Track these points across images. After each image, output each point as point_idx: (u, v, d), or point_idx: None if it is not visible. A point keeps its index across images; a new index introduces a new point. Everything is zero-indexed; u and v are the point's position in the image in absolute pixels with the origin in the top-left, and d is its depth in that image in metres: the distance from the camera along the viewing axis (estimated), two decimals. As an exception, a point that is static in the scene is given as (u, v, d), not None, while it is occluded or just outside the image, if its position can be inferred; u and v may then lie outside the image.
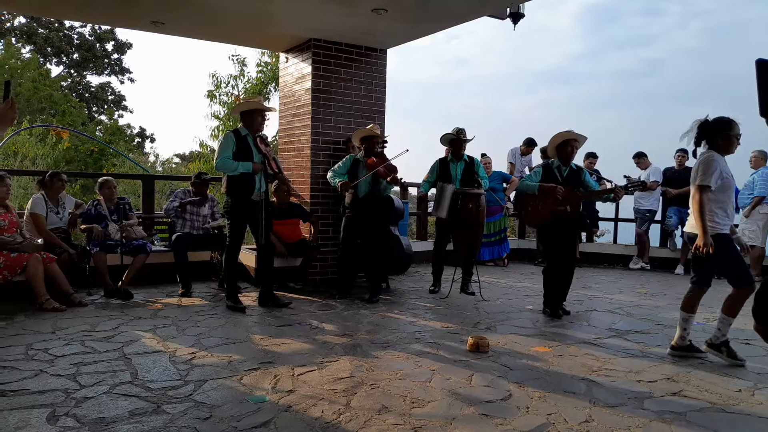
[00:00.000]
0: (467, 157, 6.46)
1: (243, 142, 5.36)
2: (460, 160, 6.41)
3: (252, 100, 5.56)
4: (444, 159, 6.53)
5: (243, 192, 5.33)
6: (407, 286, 6.97)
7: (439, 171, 6.47)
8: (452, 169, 6.39)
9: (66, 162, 16.88)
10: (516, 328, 5.00)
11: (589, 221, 8.65)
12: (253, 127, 5.41)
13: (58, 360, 3.75)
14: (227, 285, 5.57)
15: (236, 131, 5.44)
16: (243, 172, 5.27)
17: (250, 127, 5.40)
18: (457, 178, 6.34)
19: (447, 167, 6.43)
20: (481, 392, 3.38)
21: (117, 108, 28.91)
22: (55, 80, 24.25)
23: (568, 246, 5.43)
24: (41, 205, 5.70)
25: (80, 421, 2.81)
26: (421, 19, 6.13)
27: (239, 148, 5.31)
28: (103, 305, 5.46)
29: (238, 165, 5.25)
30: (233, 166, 5.24)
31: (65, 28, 26.35)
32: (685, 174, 8.73)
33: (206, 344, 4.21)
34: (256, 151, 5.37)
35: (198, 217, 6.35)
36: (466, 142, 6.39)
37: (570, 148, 5.31)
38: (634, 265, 9.16)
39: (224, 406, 3.04)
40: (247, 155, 5.32)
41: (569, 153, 5.32)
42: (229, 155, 5.25)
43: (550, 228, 5.39)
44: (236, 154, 5.28)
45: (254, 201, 5.38)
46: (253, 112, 5.40)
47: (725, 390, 3.52)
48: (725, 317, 4.11)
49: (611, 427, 2.92)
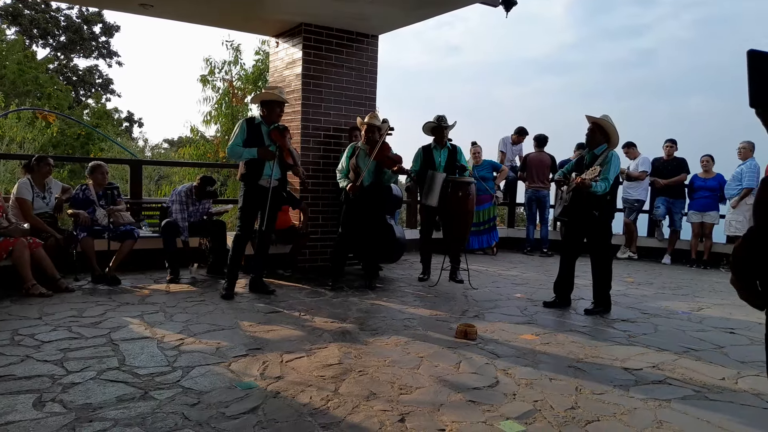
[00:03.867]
0: (450, 144, 6.47)
1: (255, 130, 5.37)
2: (444, 148, 6.41)
3: (272, 91, 5.49)
4: (427, 147, 6.53)
5: (251, 178, 5.35)
6: (397, 274, 6.99)
7: (423, 159, 6.47)
8: (436, 157, 6.40)
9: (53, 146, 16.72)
10: (504, 315, 5.03)
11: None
12: (271, 118, 5.41)
13: (45, 345, 3.72)
14: (229, 271, 5.45)
15: (250, 119, 5.47)
16: (248, 158, 5.30)
17: (268, 117, 5.40)
18: (441, 165, 6.34)
19: (431, 155, 6.43)
20: (468, 379, 3.40)
21: (105, 92, 28.63)
22: (42, 63, 23.92)
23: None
24: (27, 190, 5.63)
25: (67, 406, 2.80)
26: (413, 5, 6.10)
27: (250, 136, 5.34)
28: (91, 291, 5.43)
29: (243, 151, 5.29)
30: (239, 152, 5.30)
31: (52, 9, 25.98)
32: (674, 164, 8.81)
33: (194, 330, 4.20)
34: (268, 141, 5.36)
35: (196, 215, 6.27)
36: (447, 128, 6.39)
37: (589, 132, 5.27)
38: (621, 255, 9.23)
39: (212, 392, 3.04)
40: (258, 143, 5.33)
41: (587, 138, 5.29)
42: (239, 142, 5.32)
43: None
44: (247, 142, 5.31)
45: (263, 187, 5.37)
46: (272, 103, 5.39)
47: (709, 378, 3.57)
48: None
49: (597, 413, 2.95)
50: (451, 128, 6.43)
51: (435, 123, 6.36)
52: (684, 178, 8.74)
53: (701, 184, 8.50)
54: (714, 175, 8.47)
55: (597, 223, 5.18)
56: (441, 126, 6.35)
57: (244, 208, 5.45)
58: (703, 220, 8.44)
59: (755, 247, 1.49)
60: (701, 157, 8.62)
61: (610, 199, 5.19)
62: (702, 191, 8.46)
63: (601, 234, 5.25)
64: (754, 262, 1.50)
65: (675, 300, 6.01)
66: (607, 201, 5.17)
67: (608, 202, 5.19)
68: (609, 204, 5.22)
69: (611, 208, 5.33)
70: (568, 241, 5.46)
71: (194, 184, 6.23)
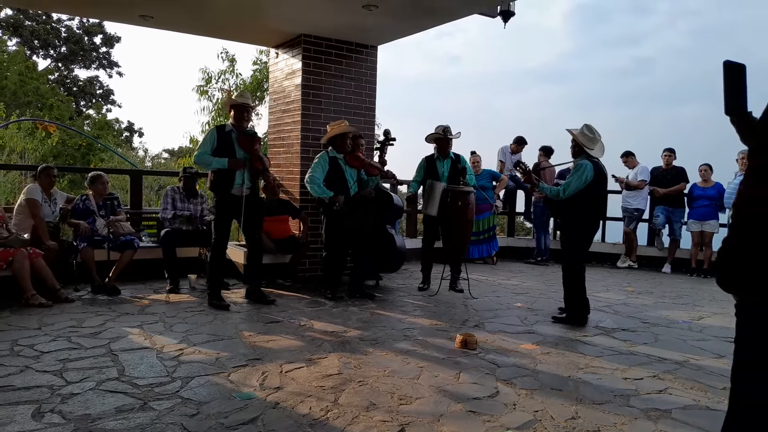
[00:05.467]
0: (453, 154, 6.49)
1: (225, 138, 5.36)
2: (447, 158, 6.43)
3: (240, 94, 5.54)
4: (431, 157, 6.55)
5: (223, 187, 5.34)
6: (396, 284, 6.98)
7: (426, 169, 6.49)
8: (439, 167, 6.41)
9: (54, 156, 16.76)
10: (504, 325, 5.02)
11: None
12: (240, 123, 5.40)
13: (44, 356, 3.72)
14: (210, 283, 5.50)
15: (220, 127, 5.46)
16: (218, 167, 5.28)
17: (238, 123, 5.39)
18: (444, 175, 6.35)
19: (434, 165, 6.45)
20: (468, 389, 3.39)
21: (105, 102, 28.71)
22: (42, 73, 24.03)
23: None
24: (38, 193, 5.66)
25: (66, 417, 2.79)
26: (412, 16, 6.13)
27: (220, 144, 5.32)
28: (90, 301, 5.42)
29: (212, 160, 5.26)
30: (208, 161, 5.27)
31: (52, 20, 26.10)
32: (672, 173, 8.82)
33: (194, 341, 4.20)
34: (238, 148, 5.36)
35: (191, 212, 6.31)
36: (452, 139, 6.41)
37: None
38: (621, 264, 9.22)
39: (211, 403, 3.04)
40: (227, 151, 5.31)
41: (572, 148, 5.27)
42: (207, 151, 5.28)
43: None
44: (216, 150, 5.30)
45: (236, 196, 5.37)
46: (239, 108, 5.39)
47: (710, 388, 3.56)
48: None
49: (597, 424, 2.94)
50: (455, 139, 6.45)
51: (440, 134, 6.37)
52: (683, 187, 8.74)
53: (700, 193, 8.51)
54: (713, 184, 8.48)
55: (563, 230, 5.22)
56: (446, 137, 6.36)
57: (218, 218, 5.44)
58: (702, 229, 8.44)
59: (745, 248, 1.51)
60: (700, 166, 8.63)
61: (576, 208, 5.06)
62: (701, 200, 8.47)
63: (565, 241, 5.27)
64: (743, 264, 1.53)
65: (675, 309, 6.00)
66: (572, 208, 5.08)
67: (574, 210, 5.08)
68: (574, 212, 5.09)
69: (579, 217, 5.13)
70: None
71: (179, 185, 6.38)
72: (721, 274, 1.63)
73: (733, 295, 1.66)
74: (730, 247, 1.59)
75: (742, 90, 1.71)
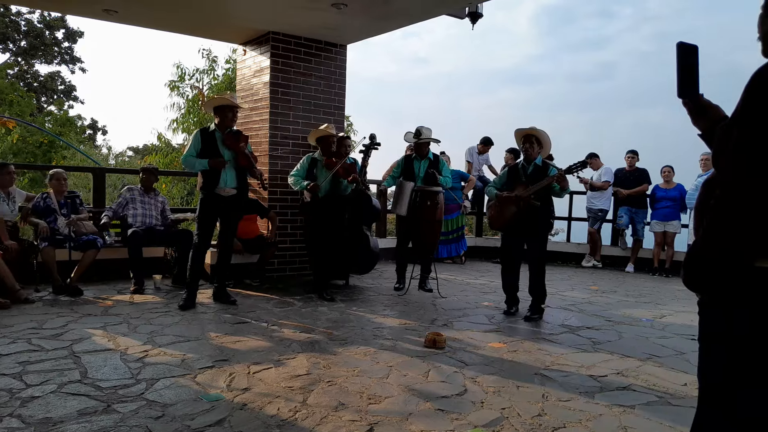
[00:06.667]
0: (432, 155, 6.51)
1: (209, 139, 5.34)
2: (424, 159, 6.45)
3: (222, 96, 5.50)
4: (409, 156, 6.58)
5: (207, 187, 5.32)
6: (366, 283, 6.98)
7: (404, 167, 6.51)
8: (416, 167, 6.44)
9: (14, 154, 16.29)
10: (472, 324, 5.06)
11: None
12: (224, 123, 5.35)
13: (3, 359, 3.61)
14: (189, 282, 5.39)
15: (203, 129, 5.45)
16: (201, 168, 5.30)
17: (221, 123, 5.35)
18: (420, 176, 6.38)
19: (411, 164, 6.47)
20: (437, 387, 3.41)
21: (67, 98, 28.01)
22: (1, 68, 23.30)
23: (531, 246, 5.41)
24: None
25: (25, 421, 2.71)
26: (381, 16, 6.14)
27: (205, 146, 5.32)
28: (51, 302, 5.28)
29: (196, 162, 5.28)
30: (192, 162, 5.30)
31: (11, 13, 25.32)
32: (635, 175, 9.01)
33: (159, 342, 4.12)
34: (223, 148, 5.31)
35: (150, 208, 6.24)
36: (428, 143, 6.42)
37: (528, 144, 5.33)
38: (586, 263, 9.39)
39: (177, 405, 2.99)
40: (212, 152, 5.29)
41: (527, 149, 5.35)
42: (192, 153, 5.31)
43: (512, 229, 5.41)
44: (202, 152, 5.30)
45: (221, 196, 5.33)
46: (224, 108, 5.34)
47: (672, 384, 3.65)
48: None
49: (563, 420, 2.99)
50: (432, 142, 6.44)
51: (415, 139, 6.38)
52: (646, 188, 8.94)
53: (663, 194, 8.71)
54: (675, 186, 8.68)
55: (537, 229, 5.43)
56: (420, 142, 6.38)
57: (201, 217, 5.40)
58: (665, 229, 8.64)
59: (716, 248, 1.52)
60: (662, 167, 8.83)
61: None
62: (664, 201, 8.67)
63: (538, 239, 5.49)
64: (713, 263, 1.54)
65: (638, 307, 6.13)
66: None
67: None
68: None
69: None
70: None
71: (139, 186, 6.38)
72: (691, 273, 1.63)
73: (697, 294, 1.69)
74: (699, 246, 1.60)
75: (694, 72, 1.72)
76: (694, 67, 1.72)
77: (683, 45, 1.72)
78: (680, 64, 1.72)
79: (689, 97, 1.75)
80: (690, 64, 1.72)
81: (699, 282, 1.60)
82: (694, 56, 1.72)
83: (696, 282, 1.61)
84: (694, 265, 1.58)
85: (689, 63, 1.72)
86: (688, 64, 1.72)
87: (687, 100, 1.76)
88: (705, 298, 1.64)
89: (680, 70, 1.72)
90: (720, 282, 1.52)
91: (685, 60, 1.72)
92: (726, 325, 1.55)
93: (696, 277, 1.59)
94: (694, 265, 1.58)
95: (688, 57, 1.72)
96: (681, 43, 1.72)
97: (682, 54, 1.72)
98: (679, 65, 1.72)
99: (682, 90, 1.73)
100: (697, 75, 1.72)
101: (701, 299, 1.67)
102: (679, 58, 1.72)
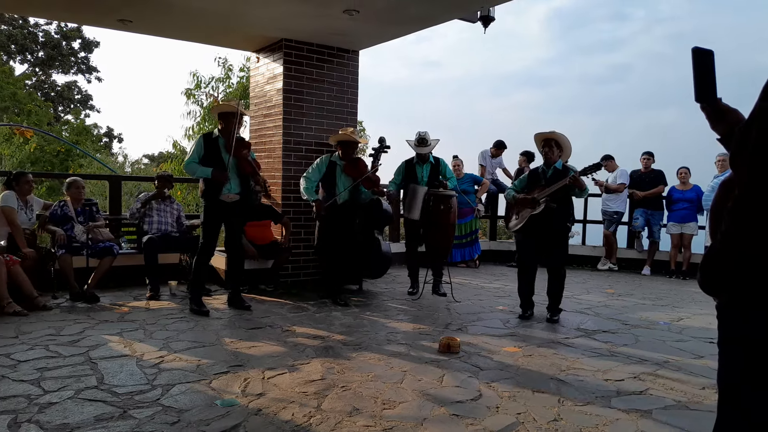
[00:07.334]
0: (433, 158, 6.51)
1: (212, 145, 5.35)
2: (426, 162, 6.45)
3: (228, 102, 5.54)
4: (410, 161, 6.57)
5: (211, 194, 5.32)
6: (380, 288, 6.97)
7: (405, 173, 6.51)
8: (418, 171, 6.44)
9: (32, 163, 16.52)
10: (487, 328, 5.04)
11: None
12: (227, 129, 5.37)
13: (21, 365, 3.65)
14: (192, 288, 5.47)
15: (207, 135, 5.46)
16: (202, 176, 5.30)
17: (225, 129, 5.37)
18: (424, 180, 6.38)
19: (413, 169, 6.47)
20: (451, 392, 3.39)
21: (84, 108, 28.36)
22: (19, 78, 23.68)
23: (549, 248, 5.37)
24: (13, 200, 5.56)
25: (43, 427, 2.74)
26: (393, 21, 6.15)
27: (207, 152, 5.33)
28: (69, 309, 5.34)
29: (198, 169, 5.27)
30: (194, 169, 5.29)
31: (29, 25, 25.73)
32: (651, 176, 8.93)
33: (175, 348, 4.15)
34: (225, 154, 5.33)
35: (165, 215, 6.30)
36: (429, 147, 6.42)
37: (548, 148, 5.31)
38: (602, 266, 9.31)
39: (193, 410, 3.00)
40: (215, 158, 5.31)
41: (546, 153, 5.34)
42: (195, 159, 5.30)
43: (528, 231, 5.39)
44: (204, 158, 5.30)
45: (225, 202, 5.35)
46: (228, 115, 5.37)
47: (690, 388, 3.60)
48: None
49: (579, 425, 2.96)
50: (433, 146, 6.45)
51: (415, 144, 6.39)
52: (662, 190, 8.86)
53: (679, 195, 8.62)
54: (691, 187, 8.60)
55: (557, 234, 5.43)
56: (421, 146, 6.38)
57: (206, 223, 5.42)
58: (682, 231, 8.55)
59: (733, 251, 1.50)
60: (678, 169, 8.76)
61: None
62: (680, 203, 8.58)
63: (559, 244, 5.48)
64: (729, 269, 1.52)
65: (655, 311, 6.06)
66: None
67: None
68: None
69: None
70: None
71: (152, 193, 6.42)
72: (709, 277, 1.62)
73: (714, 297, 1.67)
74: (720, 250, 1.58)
75: (711, 76, 1.72)
76: (711, 72, 1.72)
77: (698, 50, 1.72)
78: (696, 69, 1.71)
79: (707, 102, 1.74)
80: (706, 69, 1.71)
81: (716, 284, 1.58)
82: (709, 61, 1.72)
83: (713, 285, 1.59)
84: (711, 268, 1.56)
85: (705, 68, 1.71)
86: (704, 69, 1.71)
87: (705, 105, 1.75)
88: (723, 300, 1.62)
89: (697, 76, 1.72)
90: (738, 284, 1.50)
91: (701, 65, 1.71)
92: (743, 327, 1.53)
93: (713, 279, 1.57)
94: (711, 267, 1.56)
95: (704, 62, 1.72)
96: (696, 49, 1.72)
97: (697, 59, 1.71)
98: (696, 71, 1.72)
99: (699, 95, 1.73)
100: (714, 79, 1.72)
101: (719, 302, 1.64)
102: (695, 64, 1.71)
